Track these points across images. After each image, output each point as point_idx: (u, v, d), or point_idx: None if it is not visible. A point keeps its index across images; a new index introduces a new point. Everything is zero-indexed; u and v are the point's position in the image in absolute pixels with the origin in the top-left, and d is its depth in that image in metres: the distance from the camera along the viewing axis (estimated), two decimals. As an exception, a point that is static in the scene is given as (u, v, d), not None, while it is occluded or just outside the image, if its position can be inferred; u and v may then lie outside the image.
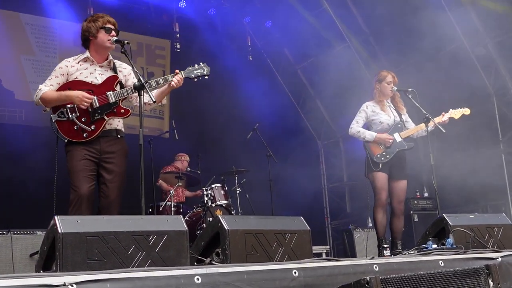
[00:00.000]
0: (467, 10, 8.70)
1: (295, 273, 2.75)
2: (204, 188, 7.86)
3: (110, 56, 4.58)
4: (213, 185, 7.88)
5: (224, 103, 10.70)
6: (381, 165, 5.87)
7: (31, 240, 5.94)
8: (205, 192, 7.77)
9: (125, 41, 4.27)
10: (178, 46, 10.67)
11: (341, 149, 11.90)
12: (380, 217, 5.87)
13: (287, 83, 12.20)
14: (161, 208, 7.72)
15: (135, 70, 4.27)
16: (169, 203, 7.75)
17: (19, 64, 9.18)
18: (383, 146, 5.93)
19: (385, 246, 5.79)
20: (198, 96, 10.00)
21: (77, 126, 4.30)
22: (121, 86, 4.50)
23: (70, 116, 4.30)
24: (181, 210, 7.91)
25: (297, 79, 12.05)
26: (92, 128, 4.32)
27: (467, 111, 6.15)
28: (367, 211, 6.60)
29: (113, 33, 4.44)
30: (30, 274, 2.56)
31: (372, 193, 6.01)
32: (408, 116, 6.23)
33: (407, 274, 2.74)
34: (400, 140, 5.96)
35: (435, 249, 4.21)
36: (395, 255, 5.53)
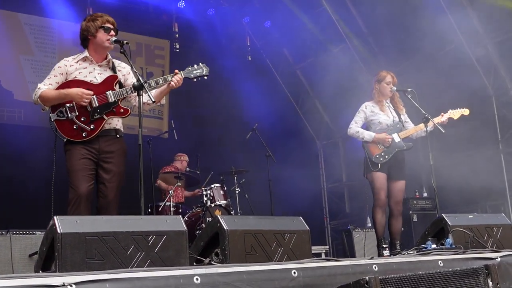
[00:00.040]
0: (466, 10, 8.70)
1: (294, 273, 2.75)
2: (203, 188, 7.86)
3: (109, 56, 4.57)
4: (212, 185, 7.87)
5: (223, 103, 10.70)
6: (379, 165, 5.87)
7: (30, 240, 5.94)
8: (204, 192, 7.77)
9: (124, 41, 4.27)
10: (177, 46, 10.68)
11: (340, 149, 11.89)
12: (379, 217, 5.88)
13: (286, 83, 12.19)
14: (160, 208, 7.72)
15: (134, 70, 4.27)
16: (168, 203, 7.75)
17: (18, 64, 9.17)
18: (381, 146, 5.93)
19: (384, 246, 5.79)
20: (197, 96, 10.00)
21: (76, 126, 4.29)
22: (120, 85, 4.50)
23: (69, 115, 4.29)
24: (180, 210, 7.91)
25: (296, 79, 12.04)
26: (92, 127, 4.31)
27: (466, 111, 6.14)
28: (366, 211, 6.60)
29: (112, 32, 4.43)
30: (29, 274, 2.56)
31: (370, 193, 6.01)
32: (407, 116, 6.23)
33: (406, 274, 2.74)
34: (399, 140, 5.96)
35: (434, 249, 4.21)
36: (394, 255, 5.53)
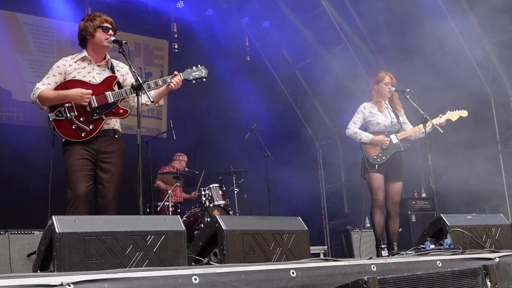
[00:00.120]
0: (465, 11, 8.71)
1: (293, 273, 2.74)
2: (202, 188, 7.85)
3: (108, 56, 4.56)
4: (211, 185, 7.87)
5: (222, 103, 10.70)
6: (377, 166, 5.86)
7: (28, 240, 5.94)
8: (203, 192, 7.77)
9: (123, 41, 4.27)
10: (176, 47, 10.68)
11: (339, 150, 11.90)
12: (378, 218, 5.87)
13: (285, 83, 12.20)
14: (159, 208, 7.70)
15: (133, 70, 4.27)
16: (167, 203, 7.74)
17: (17, 64, 9.16)
18: (379, 148, 5.92)
19: (383, 247, 5.79)
20: (196, 96, 9.99)
21: (75, 126, 4.28)
22: (119, 86, 4.49)
23: (68, 115, 4.27)
24: (179, 210, 7.90)
25: (295, 79, 12.05)
26: (91, 128, 4.30)
27: (464, 113, 6.14)
28: (363, 212, 6.59)
29: (111, 32, 4.43)
30: (28, 274, 2.55)
31: (368, 194, 6.00)
32: (405, 117, 6.22)
33: (404, 274, 2.74)
34: (397, 141, 5.95)
35: (433, 249, 4.20)
36: (392, 255, 5.53)
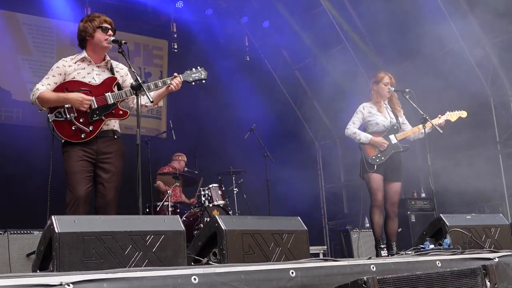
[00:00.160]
0: (465, 12, 8.71)
1: (292, 273, 2.74)
2: (201, 188, 7.85)
3: (107, 57, 4.55)
4: (210, 185, 7.87)
5: (221, 103, 10.70)
6: (375, 166, 5.86)
7: (28, 240, 5.94)
8: (202, 193, 7.77)
9: (123, 41, 4.27)
10: (176, 46, 10.69)
11: (339, 150, 11.90)
12: (377, 218, 5.87)
13: (285, 83, 12.20)
14: (158, 208, 7.71)
15: (133, 70, 4.27)
16: (166, 203, 7.74)
17: (17, 64, 9.17)
18: (377, 149, 5.93)
19: (382, 247, 5.79)
20: (195, 96, 9.99)
21: (75, 127, 4.27)
22: (119, 87, 4.48)
23: (68, 116, 4.27)
24: (178, 210, 7.90)
25: (294, 79, 12.05)
26: (90, 129, 4.29)
27: (463, 113, 6.14)
28: (361, 212, 6.60)
29: (110, 32, 4.42)
30: (27, 274, 2.55)
31: (366, 194, 5.99)
32: (405, 118, 6.22)
33: (404, 275, 2.74)
34: (396, 142, 5.95)
35: (432, 249, 4.21)
36: (391, 255, 5.54)
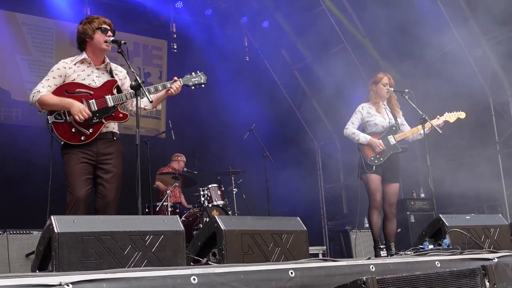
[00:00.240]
0: (465, 13, 8.71)
1: (291, 273, 2.75)
2: (201, 188, 7.85)
3: (107, 59, 4.55)
4: (210, 186, 7.87)
5: (221, 103, 10.69)
6: (374, 167, 5.86)
7: (27, 240, 5.94)
8: (201, 193, 7.76)
9: (122, 41, 4.27)
10: (175, 47, 10.70)
11: (338, 150, 11.89)
12: (375, 218, 5.87)
13: (284, 83, 12.20)
14: (157, 208, 7.71)
15: (132, 70, 4.26)
16: (165, 203, 7.74)
17: (16, 64, 9.16)
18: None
19: (381, 247, 5.79)
20: (194, 96, 9.95)
21: (75, 129, 4.25)
22: (119, 90, 4.48)
23: (67, 118, 4.25)
24: (177, 210, 7.90)
25: (294, 79, 12.05)
26: (90, 131, 4.28)
27: (462, 114, 6.13)
28: (359, 212, 6.61)
29: (109, 33, 4.42)
30: (26, 274, 2.55)
31: (365, 194, 6.00)
32: (404, 119, 6.22)
33: (403, 275, 2.74)
34: (394, 143, 5.95)
35: (432, 249, 4.21)
36: (391, 255, 5.54)
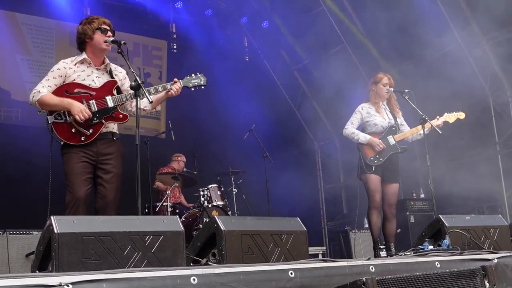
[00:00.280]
0: (464, 13, 8.71)
1: (291, 273, 2.75)
2: (200, 189, 7.84)
3: (106, 60, 4.55)
4: (210, 186, 7.87)
5: (220, 103, 10.69)
6: (373, 167, 5.86)
7: (27, 240, 5.93)
8: (201, 193, 7.76)
9: (122, 42, 4.27)
10: (175, 47, 10.70)
11: (338, 150, 11.88)
12: (375, 219, 5.86)
13: (284, 84, 12.20)
14: (157, 209, 7.71)
15: (132, 70, 4.26)
16: (165, 203, 7.74)
17: (16, 64, 9.16)
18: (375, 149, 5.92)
19: (381, 247, 5.79)
20: (194, 96, 9.90)
21: (75, 129, 4.26)
22: (119, 91, 4.48)
23: (67, 118, 4.25)
24: (177, 211, 7.89)
25: (293, 80, 12.05)
26: (90, 131, 4.28)
27: (462, 115, 6.13)
28: (359, 213, 6.60)
29: (109, 33, 4.42)
30: (26, 274, 2.55)
31: (364, 195, 6.00)
32: (403, 119, 6.22)
33: (403, 275, 2.74)
34: (394, 143, 5.95)
35: (431, 250, 4.21)
36: (390, 256, 5.54)
